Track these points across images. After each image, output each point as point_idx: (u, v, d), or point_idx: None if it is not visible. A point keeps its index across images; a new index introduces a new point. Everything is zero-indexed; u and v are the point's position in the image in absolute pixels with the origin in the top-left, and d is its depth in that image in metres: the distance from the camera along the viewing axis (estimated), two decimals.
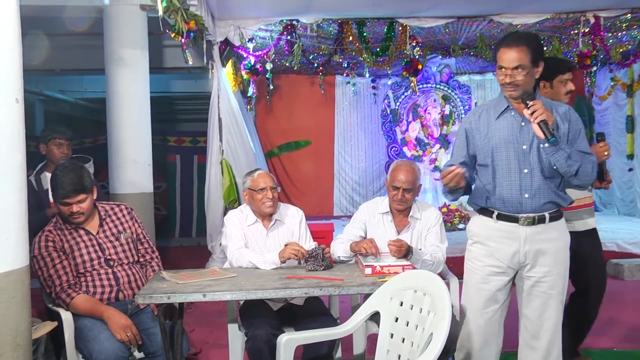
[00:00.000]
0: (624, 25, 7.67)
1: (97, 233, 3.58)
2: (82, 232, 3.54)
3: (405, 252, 3.58)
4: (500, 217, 3.10)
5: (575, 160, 2.96)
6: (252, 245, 3.79)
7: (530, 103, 2.93)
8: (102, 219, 3.65)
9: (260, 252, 3.68)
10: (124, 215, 3.73)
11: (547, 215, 3.06)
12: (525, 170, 3.04)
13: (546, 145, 2.93)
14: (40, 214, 4.18)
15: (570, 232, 3.30)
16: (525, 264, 3.09)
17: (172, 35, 5.15)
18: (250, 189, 3.83)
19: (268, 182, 3.80)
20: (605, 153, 3.58)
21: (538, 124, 2.90)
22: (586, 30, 7.33)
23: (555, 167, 2.98)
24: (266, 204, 3.79)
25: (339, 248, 3.79)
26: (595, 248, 3.90)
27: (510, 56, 2.98)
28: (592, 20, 7.18)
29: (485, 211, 3.17)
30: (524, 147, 3.02)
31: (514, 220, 3.07)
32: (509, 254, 3.09)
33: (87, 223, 3.59)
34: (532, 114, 2.91)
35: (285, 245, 3.57)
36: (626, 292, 6.45)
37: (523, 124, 3.04)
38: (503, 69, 3.00)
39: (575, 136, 3.06)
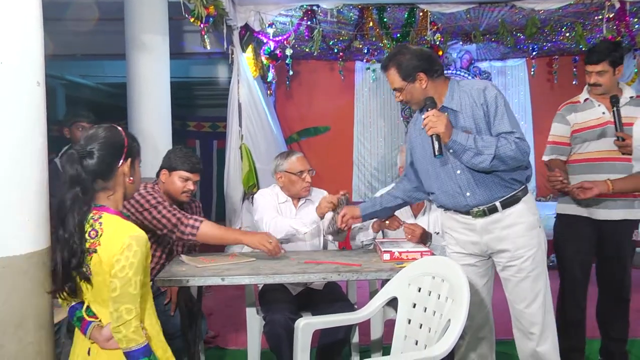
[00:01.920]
0: None
1: None
2: None
3: (420, 237, 3.59)
4: (456, 210, 3.16)
5: (488, 152, 2.88)
6: None
7: (423, 116, 2.94)
8: (184, 209, 3.72)
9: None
10: (198, 212, 3.93)
11: (498, 204, 3.03)
12: (459, 172, 3.04)
13: (436, 157, 2.91)
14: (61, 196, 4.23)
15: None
16: (489, 252, 3.12)
17: (192, 20, 5.16)
18: (288, 171, 3.83)
19: (306, 165, 3.84)
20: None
21: (430, 137, 2.90)
22: (611, 16, 7.19)
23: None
24: (305, 187, 3.82)
25: (361, 233, 3.83)
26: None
27: (388, 80, 3.09)
28: (618, 5, 7.04)
29: (444, 208, 3.24)
30: (450, 150, 2.98)
31: (467, 213, 3.09)
32: (469, 243, 3.13)
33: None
34: (424, 126, 2.91)
35: (318, 205, 3.62)
36: None
37: None
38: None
39: (493, 115, 2.98)
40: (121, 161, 2.21)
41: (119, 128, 2.28)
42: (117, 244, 2.05)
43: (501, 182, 3.01)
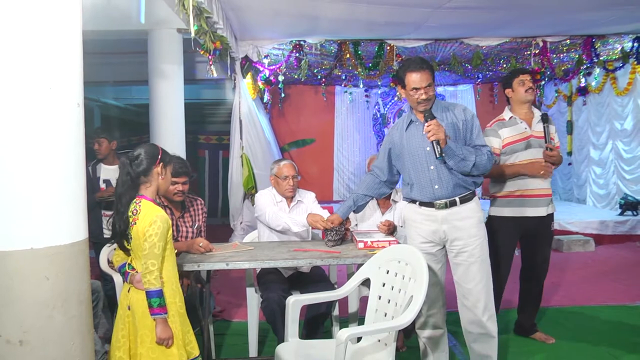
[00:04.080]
0: (565, 48, 7.77)
1: (179, 217, 3.60)
2: (167, 211, 3.53)
3: (391, 229, 3.60)
4: (421, 204, 3.16)
5: (470, 160, 2.99)
6: None
7: (426, 124, 2.95)
8: (186, 207, 3.66)
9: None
10: (200, 209, 3.76)
11: (457, 199, 3.08)
12: (432, 167, 3.08)
13: (438, 158, 2.97)
14: (91, 197, 4.19)
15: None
16: (446, 239, 3.13)
17: (202, 52, 5.15)
18: (276, 175, 3.82)
19: (291, 171, 3.80)
20: (542, 172, 3.65)
21: (432, 142, 2.94)
22: (536, 52, 7.39)
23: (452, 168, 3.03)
24: (288, 189, 3.79)
25: None
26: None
27: (421, 77, 3.02)
28: (541, 44, 7.28)
29: (411, 200, 3.23)
30: (427, 149, 3.04)
31: (432, 205, 3.11)
32: (430, 231, 3.14)
33: (174, 206, 3.60)
34: (427, 133, 2.94)
35: (309, 214, 3.59)
36: (565, 261, 6.51)
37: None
38: (417, 90, 3.03)
39: (470, 131, 3.10)
40: (156, 164, 2.67)
41: (157, 145, 2.82)
42: (148, 220, 2.51)
43: (462, 183, 3.07)
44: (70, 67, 2.08)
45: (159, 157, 2.69)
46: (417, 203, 3.18)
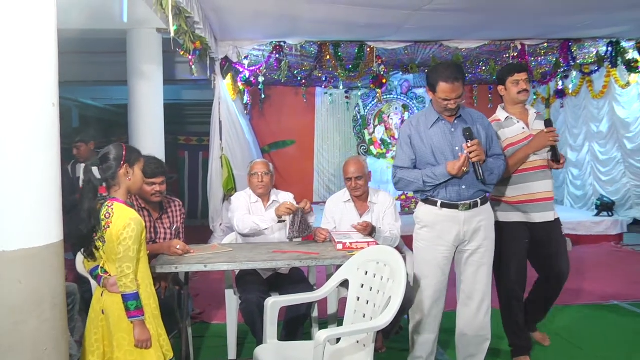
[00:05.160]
0: (542, 51, 7.88)
1: (157, 219, 3.54)
2: (145, 213, 3.49)
3: (370, 230, 3.60)
4: (443, 205, 3.13)
5: (495, 173, 3.09)
6: None
7: (469, 144, 2.96)
8: (164, 208, 3.60)
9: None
10: (178, 210, 3.71)
11: (478, 200, 3.12)
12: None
13: (479, 180, 3.03)
14: (72, 197, 4.13)
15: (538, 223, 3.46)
16: (464, 240, 3.14)
17: (182, 52, 5.12)
18: (249, 173, 3.85)
19: (260, 168, 3.82)
20: (550, 139, 3.39)
21: (473, 163, 2.97)
22: (515, 55, 7.46)
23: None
24: (258, 186, 3.80)
25: None
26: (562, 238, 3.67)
27: (453, 89, 2.98)
28: (520, 47, 7.35)
29: (429, 200, 3.18)
30: (457, 148, 3.05)
31: (455, 207, 3.10)
32: (453, 234, 3.13)
33: (152, 207, 3.54)
34: (469, 153, 2.97)
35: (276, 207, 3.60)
36: None
37: (453, 129, 3.10)
38: (447, 100, 3.01)
39: (491, 141, 3.18)
40: (120, 166, 2.59)
41: (122, 144, 2.67)
42: (121, 223, 2.46)
43: (484, 187, 3.13)
44: (45, 66, 2.05)
45: (123, 158, 2.60)
46: (439, 204, 3.13)
